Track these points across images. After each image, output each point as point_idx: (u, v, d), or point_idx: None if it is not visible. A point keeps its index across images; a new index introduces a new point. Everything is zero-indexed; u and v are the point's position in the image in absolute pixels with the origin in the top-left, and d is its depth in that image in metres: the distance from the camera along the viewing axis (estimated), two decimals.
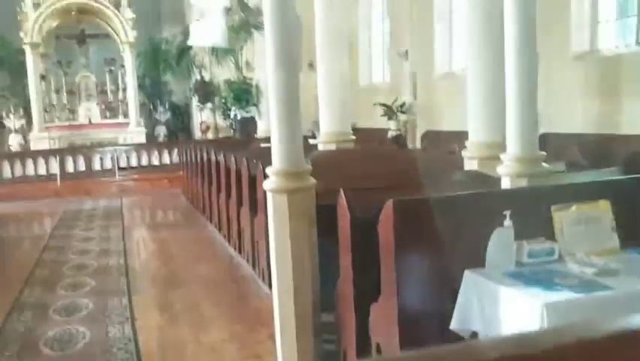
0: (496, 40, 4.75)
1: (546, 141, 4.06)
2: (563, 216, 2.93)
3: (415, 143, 11.33)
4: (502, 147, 4.38)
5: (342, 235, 3.50)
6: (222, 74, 13.50)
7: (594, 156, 6.49)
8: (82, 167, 12.38)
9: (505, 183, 4.05)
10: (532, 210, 2.95)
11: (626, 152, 5.88)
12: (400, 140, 10.82)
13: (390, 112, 11.45)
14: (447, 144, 8.18)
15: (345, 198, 3.43)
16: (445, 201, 3.06)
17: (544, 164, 3.98)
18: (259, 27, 10.38)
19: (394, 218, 2.80)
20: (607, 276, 2.48)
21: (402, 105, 11.45)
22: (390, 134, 11.37)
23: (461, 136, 6.94)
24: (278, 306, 3.88)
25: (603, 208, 2.96)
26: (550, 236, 2.87)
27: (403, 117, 11.55)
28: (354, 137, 8.19)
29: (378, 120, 11.98)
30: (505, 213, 2.76)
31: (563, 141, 7.06)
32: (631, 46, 7.55)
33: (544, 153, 3.98)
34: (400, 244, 2.81)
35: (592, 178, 4.53)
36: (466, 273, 2.73)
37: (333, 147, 7.84)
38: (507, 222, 2.75)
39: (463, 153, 5.47)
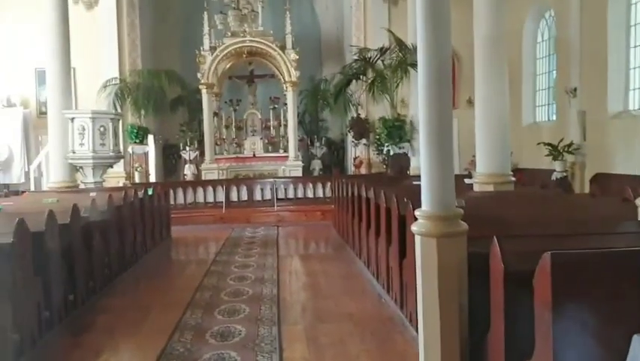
0: None
1: None
2: None
3: (583, 186, 10.52)
4: None
5: (494, 287, 3.33)
6: (377, 111, 13.75)
7: None
8: (244, 196, 13.27)
9: None
10: None
11: None
12: (565, 183, 10.12)
13: (555, 152, 10.78)
14: (620, 189, 7.47)
15: (498, 246, 3.26)
16: (611, 256, 2.79)
17: None
18: (415, 65, 10.42)
19: (552, 273, 2.61)
20: None
21: (569, 145, 10.73)
22: (554, 176, 10.69)
23: (637, 181, 6.31)
24: (424, 352, 3.78)
25: None
26: None
27: (569, 158, 10.81)
28: (513, 178, 7.83)
29: (541, 161, 11.34)
30: None
31: None
32: None
33: None
34: (558, 301, 2.61)
35: None
36: (635, 338, 2.45)
37: (490, 188, 7.56)
38: None
39: (638, 202, 4.96)
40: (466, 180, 8.48)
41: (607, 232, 4.46)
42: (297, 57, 14.98)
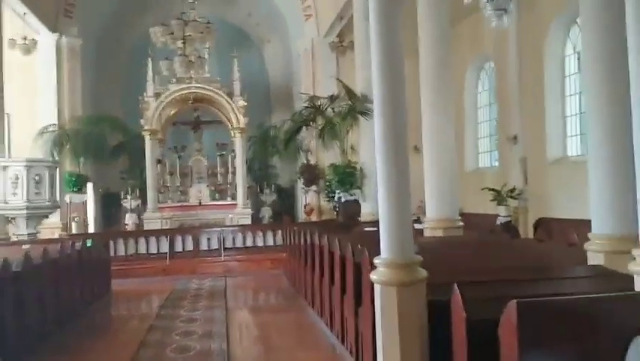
0: (622, 126, 4.45)
1: None
2: None
3: (527, 231, 10.75)
4: (632, 241, 3.98)
5: (456, 335, 3.23)
6: (328, 157, 13.79)
7: None
8: (190, 246, 12.85)
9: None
10: None
11: None
12: (511, 227, 10.32)
13: (499, 197, 11.03)
14: (563, 233, 7.65)
15: (459, 294, 3.19)
16: (574, 303, 2.75)
17: None
18: (365, 113, 10.57)
19: (518, 321, 2.54)
20: None
21: (512, 190, 11.00)
22: (499, 220, 10.88)
23: (580, 225, 6.46)
24: None
25: None
26: None
27: (513, 203, 11.07)
28: (462, 223, 7.91)
29: (486, 206, 11.56)
30: None
31: None
32: None
33: None
34: (525, 350, 2.52)
35: None
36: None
37: (440, 233, 7.60)
38: None
39: (586, 246, 5.04)
40: (416, 226, 8.50)
41: (560, 277, 4.49)
42: (245, 103, 14.97)
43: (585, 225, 5.34)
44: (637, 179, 3.60)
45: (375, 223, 3.77)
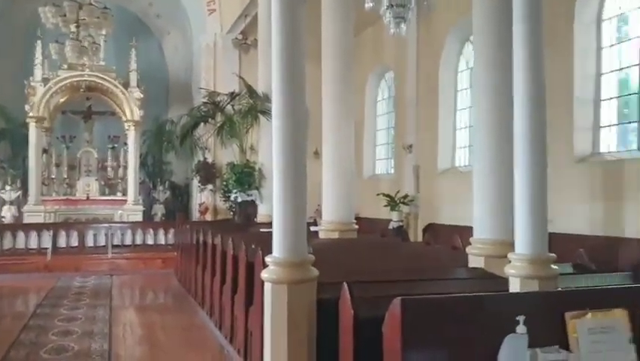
0: (503, 140, 4.76)
1: (551, 242, 3.96)
2: (578, 325, 2.76)
3: (417, 235, 11.21)
4: (509, 245, 4.25)
5: (343, 333, 3.28)
6: (226, 156, 13.57)
7: (600, 259, 6.34)
8: (74, 242, 12.15)
9: (514, 284, 3.90)
10: (545, 316, 2.78)
11: (633, 257, 5.76)
12: (401, 231, 10.70)
13: (392, 203, 11.41)
14: (448, 238, 8.05)
15: (348, 292, 3.24)
16: (454, 302, 2.88)
17: (553, 266, 3.85)
18: (266, 112, 10.52)
19: (402, 318, 2.61)
20: None
21: (404, 197, 11.42)
22: (391, 225, 11.26)
23: (463, 231, 6.85)
24: None
25: (619, 317, 2.81)
26: (564, 344, 2.69)
27: (405, 209, 11.50)
28: (357, 226, 8.09)
29: (380, 211, 11.92)
30: (518, 318, 2.59)
31: (568, 243, 6.94)
32: (632, 152, 7.60)
33: (554, 255, 3.85)
34: (408, 346, 2.61)
35: (601, 282, 4.37)
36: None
37: (335, 235, 7.73)
38: (520, 328, 2.58)
39: (468, 250, 5.33)
40: (312, 228, 8.59)
41: (444, 278, 4.71)
42: (142, 96, 14.40)
43: (469, 231, 5.66)
44: (515, 189, 3.86)
45: (272, 225, 3.75)
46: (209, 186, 14.57)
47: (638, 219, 7.02)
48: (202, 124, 13.17)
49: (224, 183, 12.91)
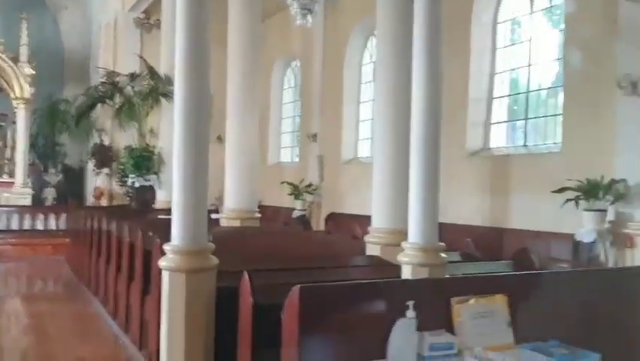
0: (402, 134, 4.95)
1: (441, 230, 4.20)
2: (463, 309, 2.94)
3: (319, 224, 11.39)
4: (403, 234, 4.45)
5: (242, 321, 3.30)
6: (124, 139, 13.04)
7: (486, 247, 6.80)
8: None
9: (406, 271, 4.08)
10: (434, 301, 2.94)
11: (515, 246, 6.23)
12: (304, 220, 10.83)
13: (296, 192, 11.52)
14: (349, 227, 8.28)
15: (248, 281, 3.26)
16: (350, 289, 2.98)
17: (442, 254, 4.07)
18: (167, 95, 10.22)
19: (300, 305, 2.67)
20: None
21: (308, 186, 11.56)
22: (295, 213, 11.37)
23: (363, 221, 7.08)
24: None
25: (500, 302, 3.01)
26: (451, 328, 2.86)
27: (309, 198, 11.65)
28: (259, 214, 8.09)
29: (284, 199, 11.99)
30: (408, 303, 2.72)
31: (457, 232, 7.38)
32: (518, 147, 8.18)
33: (443, 244, 4.08)
34: (306, 333, 2.67)
35: (486, 270, 4.70)
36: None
37: (237, 223, 7.68)
38: (410, 312, 2.71)
39: (366, 238, 5.52)
40: (213, 216, 8.49)
41: (342, 266, 4.85)
42: (33, 72, 13.52)
43: (368, 220, 5.86)
44: (410, 181, 4.05)
45: (170, 211, 3.67)
46: (105, 170, 13.98)
47: (521, 212, 7.59)
48: (99, 105, 12.58)
49: (122, 167, 12.44)
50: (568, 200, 6.31)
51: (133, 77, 11.75)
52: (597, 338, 2.90)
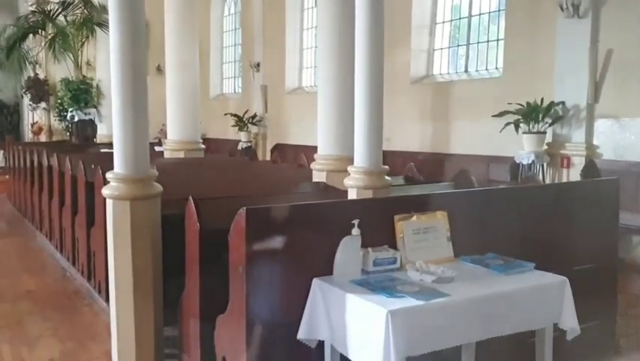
0: (346, 61, 4.92)
1: (386, 158, 4.30)
2: (404, 226, 3.06)
3: (265, 155, 11.40)
4: (349, 161, 4.52)
5: (189, 245, 3.34)
6: (60, 71, 12.44)
7: (428, 172, 7.02)
8: None
9: (352, 194, 4.18)
10: (378, 220, 3.04)
11: (456, 170, 6.45)
12: (250, 151, 10.82)
13: (241, 123, 11.42)
14: (295, 157, 8.32)
15: (194, 206, 3.28)
16: (296, 210, 3.05)
17: (386, 177, 4.17)
18: (103, 25, 9.74)
19: (247, 227, 2.73)
20: (444, 283, 2.64)
21: (253, 117, 11.46)
22: (240, 145, 11.31)
23: (309, 151, 7.14)
24: (116, 321, 3.60)
25: (440, 218, 3.15)
26: (394, 244, 2.99)
27: (253, 129, 11.58)
28: (203, 146, 8.01)
29: (229, 131, 11.88)
30: (353, 222, 2.81)
31: (401, 158, 7.57)
32: (460, 74, 8.31)
33: (387, 167, 4.18)
34: (252, 253, 2.74)
35: (428, 191, 4.87)
36: (314, 281, 2.74)
37: (181, 155, 7.60)
38: (355, 230, 2.81)
39: (312, 165, 5.58)
40: (157, 148, 8.36)
41: (290, 193, 4.91)
42: None
43: (314, 150, 5.91)
44: (355, 107, 4.07)
45: (112, 145, 3.59)
46: (42, 105, 13.42)
47: (463, 137, 7.81)
48: (31, 36, 11.88)
49: (59, 101, 11.95)
50: (507, 123, 6.53)
51: (65, 5, 11.10)
52: (532, 251, 3.09)
